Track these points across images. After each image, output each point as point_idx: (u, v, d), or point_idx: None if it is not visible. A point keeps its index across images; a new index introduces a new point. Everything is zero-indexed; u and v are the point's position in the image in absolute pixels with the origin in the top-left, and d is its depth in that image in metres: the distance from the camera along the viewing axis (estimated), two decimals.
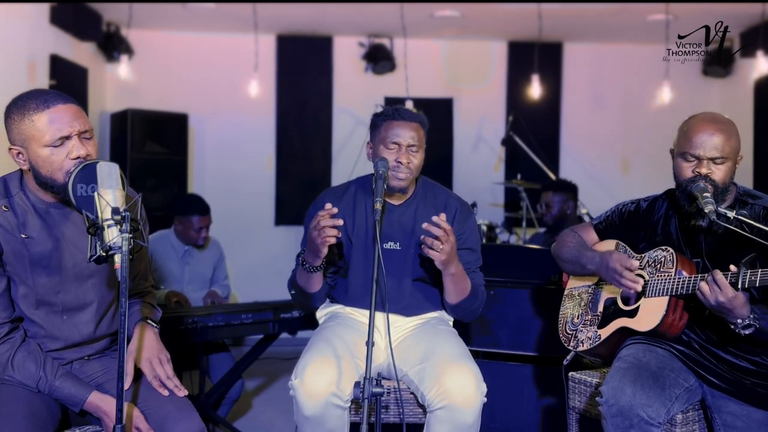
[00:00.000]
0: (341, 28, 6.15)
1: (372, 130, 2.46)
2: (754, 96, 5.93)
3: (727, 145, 2.17)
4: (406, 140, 2.34)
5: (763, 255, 2.08)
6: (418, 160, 2.38)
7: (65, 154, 1.86)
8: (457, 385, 2.13)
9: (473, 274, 2.44)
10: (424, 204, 2.46)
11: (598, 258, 2.38)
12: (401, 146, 2.34)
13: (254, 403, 4.32)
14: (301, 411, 2.12)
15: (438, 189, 2.54)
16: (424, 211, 2.43)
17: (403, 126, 2.36)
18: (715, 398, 2.17)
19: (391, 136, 2.35)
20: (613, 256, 2.33)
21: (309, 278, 2.33)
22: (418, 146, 2.37)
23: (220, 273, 4.20)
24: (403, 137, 2.34)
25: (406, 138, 2.34)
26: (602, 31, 6.13)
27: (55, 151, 1.86)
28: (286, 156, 6.28)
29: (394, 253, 2.41)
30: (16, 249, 1.91)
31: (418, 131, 2.38)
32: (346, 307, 2.50)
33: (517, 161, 6.01)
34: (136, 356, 2.03)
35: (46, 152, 1.86)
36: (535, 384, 3.19)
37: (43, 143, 1.85)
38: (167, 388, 2.01)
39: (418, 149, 2.37)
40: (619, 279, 2.30)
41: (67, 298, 1.98)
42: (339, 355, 2.20)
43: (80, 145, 1.88)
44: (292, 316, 3.50)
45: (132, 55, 5.79)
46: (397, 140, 2.34)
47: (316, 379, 2.10)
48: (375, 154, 2.41)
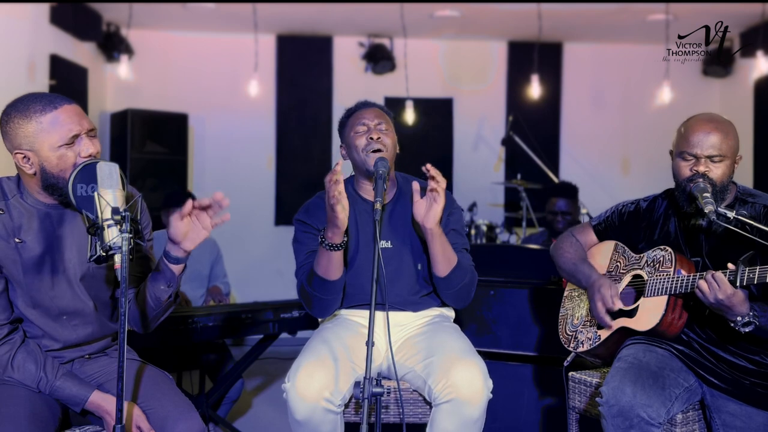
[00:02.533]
0: (341, 28, 6.15)
1: (341, 131, 2.48)
2: (754, 96, 5.93)
3: (724, 144, 2.17)
4: (372, 120, 2.36)
5: (762, 253, 2.08)
6: (390, 139, 2.37)
7: (77, 153, 1.87)
8: (465, 380, 2.13)
9: (460, 253, 2.41)
10: (406, 199, 2.44)
11: (592, 280, 2.41)
12: (369, 127, 2.36)
13: (254, 403, 4.32)
14: (292, 415, 2.12)
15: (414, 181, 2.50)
16: (408, 207, 2.41)
17: (367, 111, 2.40)
18: (714, 398, 2.17)
19: (358, 120, 2.38)
20: (602, 290, 2.35)
21: (329, 260, 2.24)
22: (387, 127, 2.38)
23: (219, 271, 4.20)
24: (369, 118, 2.37)
25: (372, 119, 2.37)
26: (602, 31, 6.14)
27: (68, 150, 1.86)
28: (286, 156, 6.29)
29: (387, 251, 2.41)
30: (9, 254, 1.91)
31: (384, 116, 2.40)
32: (345, 309, 2.48)
33: (517, 161, 6.01)
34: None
35: (59, 152, 1.86)
36: (535, 384, 3.20)
37: (55, 143, 1.85)
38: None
39: (387, 129, 2.38)
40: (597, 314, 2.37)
41: (62, 302, 1.98)
42: (334, 358, 2.19)
43: (90, 144, 1.89)
44: (292, 316, 3.50)
45: (132, 55, 5.79)
46: (364, 122, 2.36)
47: (308, 383, 2.09)
48: (348, 148, 2.42)
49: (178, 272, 1.97)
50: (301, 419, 2.10)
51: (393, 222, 2.43)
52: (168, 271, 1.96)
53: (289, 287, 5.90)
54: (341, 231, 2.19)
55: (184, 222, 1.90)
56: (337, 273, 2.27)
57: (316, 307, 2.35)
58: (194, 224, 1.92)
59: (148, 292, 2.01)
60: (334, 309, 2.39)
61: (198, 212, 1.92)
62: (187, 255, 1.96)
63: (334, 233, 2.19)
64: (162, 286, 1.98)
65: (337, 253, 2.23)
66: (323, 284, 2.28)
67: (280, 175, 6.28)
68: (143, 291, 2.03)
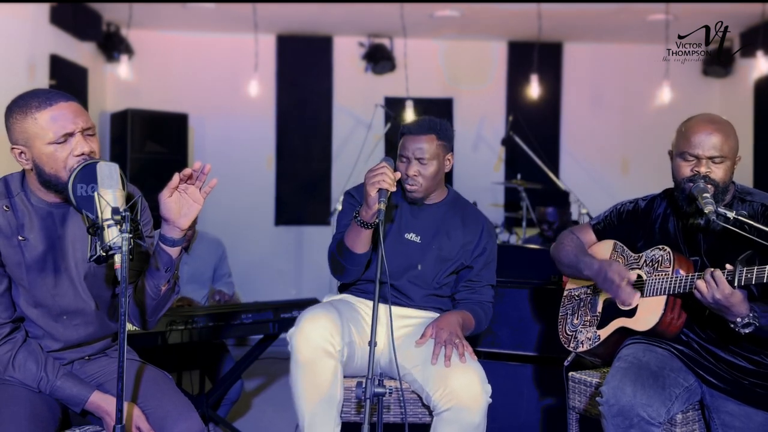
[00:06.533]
0: (341, 28, 6.15)
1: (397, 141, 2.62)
2: (754, 96, 5.93)
3: (725, 145, 2.17)
4: (414, 153, 2.47)
5: (761, 253, 2.08)
6: (429, 171, 2.48)
7: (69, 152, 1.86)
8: (463, 386, 2.16)
9: (483, 289, 2.56)
10: (454, 211, 2.58)
11: (597, 266, 2.38)
12: (410, 159, 2.48)
13: (254, 403, 4.32)
14: (295, 356, 2.25)
15: (468, 204, 2.68)
16: (453, 217, 2.57)
17: (413, 140, 2.49)
18: (713, 398, 2.17)
19: (402, 150, 2.51)
20: (612, 266, 2.32)
21: (358, 235, 2.38)
22: (429, 157, 2.47)
23: (223, 271, 4.19)
24: (411, 150, 2.47)
25: (415, 151, 2.47)
26: (602, 31, 6.14)
27: (59, 148, 1.86)
28: (286, 156, 6.29)
29: (412, 244, 2.52)
30: (12, 252, 1.91)
31: (430, 143, 2.48)
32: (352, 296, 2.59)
33: (517, 161, 6.01)
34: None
35: (50, 150, 1.86)
36: (535, 384, 3.20)
37: (47, 141, 1.85)
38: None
39: (429, 160, 2.47)
40: (616, 290, 2.30)
41: (64, 301, 1.98)
42: (336, 315, 2.32)
43: (84, 142, 1.88)
44: (292, 316, 3.49)
45: (132, 55, 5.79)
46: (406, 154, 2.49)
47: (313, 327, 2.24)
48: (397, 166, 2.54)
49: (175, 255, 1.95)
50: (304, 361, 2.22)
51: (430, 220, 2.55)
52: (165, 254, 1.94)
53: (289, 287, 5.94)
54: (372, 211, 2.29)
55: (174, 198, 1.90)
56: (361, 248, 2.41)
57: (340, 270, 2.51)
58: (184, 199, 1.92)
59: (146, 282, 1.99)
60: (355, 277, 2.52)
61: (185, 186, 1.92)
62: (183, 235, 1.93)
63: (366, 212, 2.32)
64: (161, 270, 1.96)
65: (365, 231, 2.36)
66: (349, 254, 2.42)
67: (280, 175, 6.28)
68: (142, 283, 2.02)
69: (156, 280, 1.98)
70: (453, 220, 2.55)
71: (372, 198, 2.26)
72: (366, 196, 2.29)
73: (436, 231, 2.53)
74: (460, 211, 2.59)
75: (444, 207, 2.58)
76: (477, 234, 2.55)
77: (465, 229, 2.55)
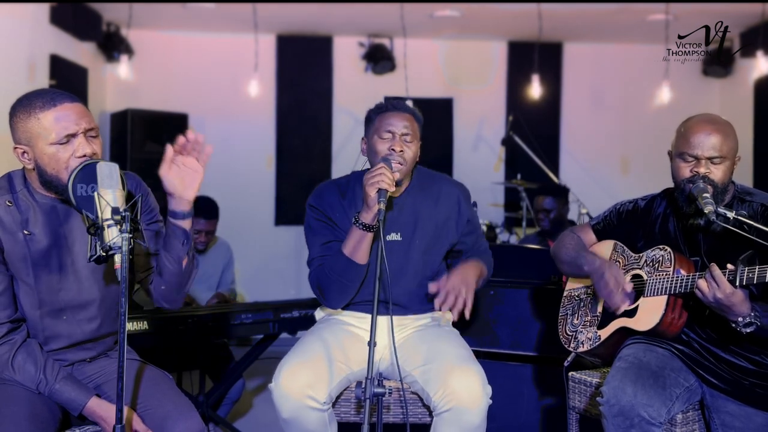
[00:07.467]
0: (341, 28, 6.15)
1: (366, 125, 2.47)
2: (754, 96, 5.93)
3: (725, 145, 2.17)
4: (399, 129, 2.36)
5: (761, 252, 2.08)
6: (413, 152, 2.38)
7: (71, 153, 1.86)
8: (463, 387, 2.14)
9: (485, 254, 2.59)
10: (424, 193, 2.48)
11: (597, 263, 2.37)
12: (395, 135, 2.36)
13: (254, 403, 4.32)
14: (279, 413, 2.18)
15: (434, 176, 2.57)
16: (424, 200, 2.46)
17: (397, 116, 2.38)
18: (714, 398, 2.17)
19: (385, 125, 2.37)
20: (613, 269, 2.32)
21: (360, 241, 2.28)
22: (412, 136, 2.38)
23: (228, 276, 4.18)
24: (397, 126, 2.36)
25: (400, 127, 2.36)
26: (602, 31, 6.14)
27: (61, 148, 1.86)
28: (286, 156, 6.28)
29: (396, 244, 2.42)
30: (18, 246, 1.91)
31: (412, 123, 2.40)
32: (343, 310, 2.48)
33: (517, 161, 6.01)
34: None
35: (52, 150, 1.86)
36: (535, 384, 3.20)
37: (49, 141, 1.85)
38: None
39: (412, 140, 2.38)
40: (609, 293, 2.30)
41: (68, 297, 1.98)
42: (321, 357, 2.22)
43: (86, 144, 1.88)
44: (292, 316, 3.50)
45: (132, 55, 5.79)
46: (391, 129, 2.36)
47: (290, 382, 2.14)
48: (369, 147, 2.42)
49: (188, 227, 1.96)
50: (288, 417, 2.16)
51: (404, 215, 2.45)
52: (178, 229, 1.95)
53: (289, 287, 5.93)
54: (372, 212, 2.22)
55: (174, 172, 1.91)
56: (364, 256, 2.30)
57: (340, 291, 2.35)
58: (184, 171, 1.93)
59: (165, 259, 1.99)
60: (350, 297, 2.39)
61: (182, 158, 1.93)
62: (191, 207, 1.95)
63: (367, 213, 2.24)
64: (178, 245, 1.96)
65: (368, 235, 2.27)
66: (354, 268, 2.30)
67: (280, 175, 6.27)
68: (161, 263, 2.02)
69: (176, 252, 1.97)
70: (426, 203, 2.45)
71: (372, 199, 2.20)
72: (366, 197, 2.22)
73: (414, 222, 2.44)
74: (429, 190, 2.48)
75: (413, 192, 2.47)
76: (455, 206, 2.48)
77: (440, 207, 2.46)
